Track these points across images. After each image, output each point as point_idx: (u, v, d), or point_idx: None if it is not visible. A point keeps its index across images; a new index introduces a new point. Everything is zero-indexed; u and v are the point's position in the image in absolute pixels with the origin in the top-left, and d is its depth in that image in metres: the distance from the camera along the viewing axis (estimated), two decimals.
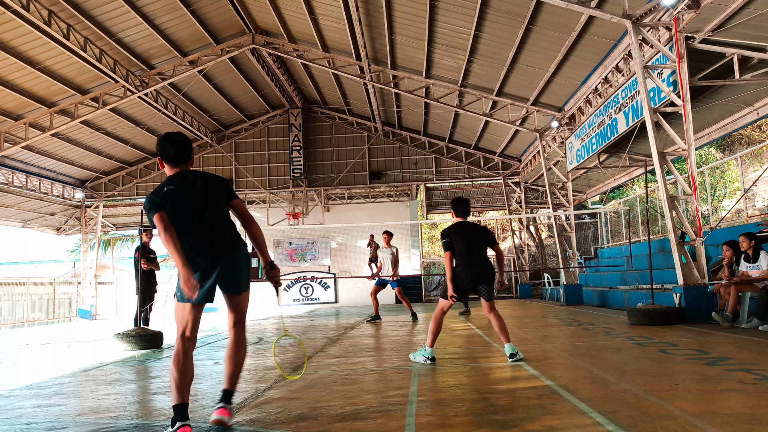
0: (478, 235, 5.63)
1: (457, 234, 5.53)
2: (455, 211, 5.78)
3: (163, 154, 3.34)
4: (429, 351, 5.27)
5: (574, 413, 3.10)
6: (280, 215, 22.97)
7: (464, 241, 5.48)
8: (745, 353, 5.03)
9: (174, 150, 3.32)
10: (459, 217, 5.73)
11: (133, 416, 3.61)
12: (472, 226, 5.73)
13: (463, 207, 5.75)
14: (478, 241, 5.57)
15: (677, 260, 8.32)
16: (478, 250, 5.53)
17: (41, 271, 34.09)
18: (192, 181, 3.28)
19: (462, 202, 5.76)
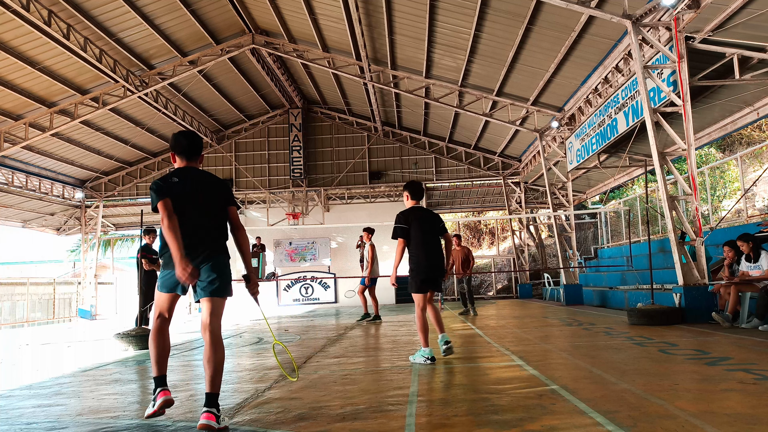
0: (434, 221, 5.43)
1: (414, 220, 5.30)
2: (411, 194, 5.51)
3: (176, 146, 3.50)
4: (427, 351, 5.16)
5: (574, 413, 3.10)
6: (280, 215, 22.96)
7: (420, 228, 5.28)
8: (745, 353, 5.03)
9: (187, 142, 3.50)
10: (414, 201, 5.49)
11: (133, 416, 3.60)
12: (427, 211, 5.52)
13: (419, 190, 5.54)
14: (433, 229, 5.38)
15: (677, 260, 8.32)
16: (434, 238, 5.36)
17: (41, 271, 34.10)
18: (196, 179, 3.41)
19: (418, 185, 5.57)
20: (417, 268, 5.21)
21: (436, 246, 5.31)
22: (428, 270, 5.23)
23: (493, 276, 25.54)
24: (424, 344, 5.20)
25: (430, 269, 5.24)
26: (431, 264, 5.25)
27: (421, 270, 5.22)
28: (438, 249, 5.31)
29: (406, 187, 5.57)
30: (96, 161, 20.20)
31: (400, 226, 5.28)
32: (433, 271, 5.25)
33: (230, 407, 3.68)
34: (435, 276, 5.28)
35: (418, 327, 5.25)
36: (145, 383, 4.95)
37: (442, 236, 5.43)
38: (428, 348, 5.17)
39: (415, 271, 5.23)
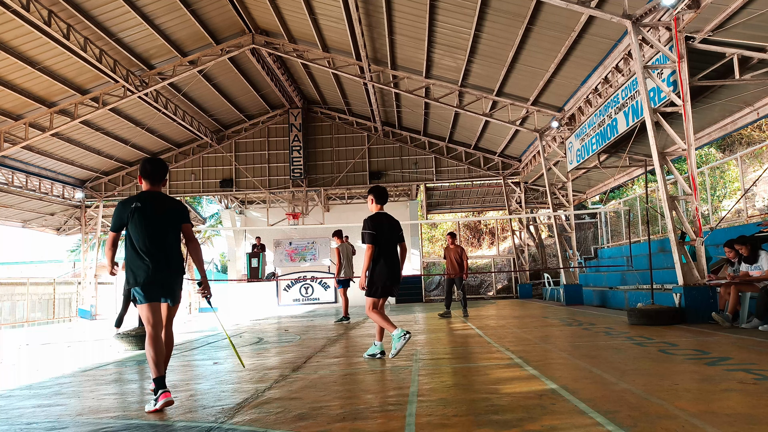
0: (395, 229, 5.47)
1: (380, 226, 5.32)
2: (376, 198, 5.50)
3: (142, 171, 4.14)
4: (399, 332, 5.21)
5: (574, 413, 3.10)
6: (280, 215, 22.97)
7: (385, 235, 5.32)
8: (745, 353, 5.03)
9: (151, 167, 4.12)
10: (378, 206, 5.49)
11: (133, 416, 3.61)
12: (391, 218, 5.52)
13: (384, 195, 5.54)
14: (393, 237, 5.44)
15: (677, 260, 8.32)
16: (394, 245, 5.44)
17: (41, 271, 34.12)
18: (157, 203, 4.04)
19: (382, 190, 5.56)
20: (379, 275, 5.30)
21: (396, 254, 5.42)
22: (390, 278, 5.33)
23: (493, 276, 25.54)
24: (391, 329, 5.28)
25: (390, 277, 5.34)
26: (392, 272, 5.36)
27: (383, 277, 5.31)
28: (397, 257, 5.43)
29: (371, 192, 5.58)
30: (96, 161, 20.20)
31: (369, 232, 5.31)
32: (392, 280, 5.36)
33: (230, 407, 3.68)
34: (393, 284, 5.40)
35: (379, 321, 5.34)
36: (144, 383, 4.95)
37: (399, 245, 5.52)
38: (398, 329, 5.23)
39: (376, 276, 5.31)
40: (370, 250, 5.28)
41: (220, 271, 37.89)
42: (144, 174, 4.11)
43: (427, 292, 23.64)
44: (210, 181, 22.10)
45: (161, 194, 4.14)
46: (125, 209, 3.95)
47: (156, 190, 4.12)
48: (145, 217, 3.93)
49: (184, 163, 22.08)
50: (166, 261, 3.95)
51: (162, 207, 4.04)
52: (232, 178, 22.07)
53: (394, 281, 5.39)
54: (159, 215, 3.99)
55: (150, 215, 3.95)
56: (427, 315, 12.90)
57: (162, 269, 3.91)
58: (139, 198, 4.00)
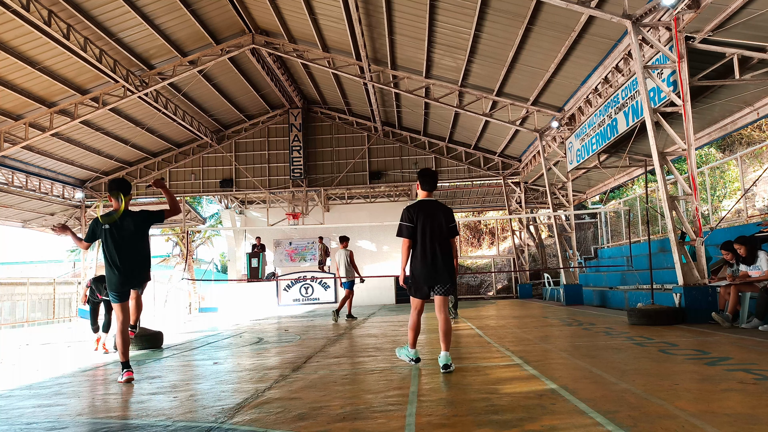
0: (443, 219, 4.79)
1: (421, 216, 4.73)
2: (422, 183, 4.90)
3: (108, 191, 5.09)
4: (412, 352, 4.95)
5: (574, 413, 3.10)
6: (280, 215, 22.97)
7: (426, 226, 4.71)
8: (745, 353, 5.03)
9: (112, 185, 5.01)
10: (425, 192, 4.90)
11: (133, 416, 3.61)
12: (437, 206, 4.85)
13: (432, 179, 4.91)
14: (440, 228, 4.76)
15: (677, 260, 8.32)
16: (439, 238, 4.74)
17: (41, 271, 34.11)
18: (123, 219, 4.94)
19: (431, 174, 4.93)
20: (414, 272, 4.75)
21: (440, 247, 4.71)
22: (427, 276, 4.71)
23: (493, 276, 25.54)
24: (410, 344, 4.96)
25: (428, 276, 4.71)
26: (429, 272, 4.71)
27: (419, 275, 4.73)
28: (442, 251, 4.71)
29: (419, 175, 4.94)
30: (96, 161, 20.21)
31: (405, 224, 4.74)
32: (431, 278, 4.70)
33: (230, 407, 3.68)
34: (434, 283, 4.73)
35: (409, 325, 4.93)
36: (144, 384, 4.95)
37: (451, 237, 4.82)
38: (415, 350, 4.97)
39: (412, 274, 4.77)
40: (405, 244, 4.72)
41: (220, 271, 37.89)
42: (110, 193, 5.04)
43: None
44: (210, 181, 22.11)
45: (126, 212, 4.97)
46: (98, 227, 4.94)
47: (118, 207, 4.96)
48: (113, 239, 4.89)
49: (184, 163, 22.09)
50: (134, 271, 4.98)
51: (128, 225, 4.95)
52: (232, 178, 22.08)
53: (434, 279, 4.69)
54: (125, 233, 4.92)
55: (117, 236, 4.90)
56: (427, 315, 12.89)
57: (130, 278, 4.96)
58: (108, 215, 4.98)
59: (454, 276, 4.84)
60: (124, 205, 4.94)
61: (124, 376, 4.82)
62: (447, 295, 4.77)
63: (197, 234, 32.97)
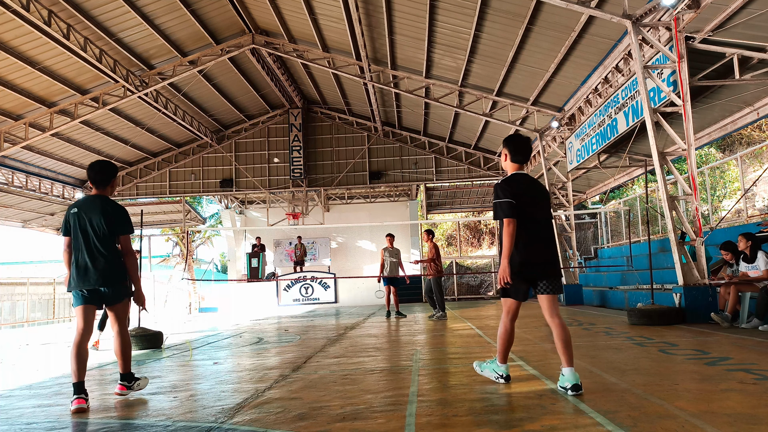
0: (543, 197, 3.86)
1: (520, 193, 3.72)
2: (512, 153, 3.89)
3: (87, 176, 4.39)
4: (502, 368, 3.95)
5: (574, 413, 3.10)
6: (280, 215, 22.97)
7: (527, 205, 3.72)
8: (745, 353, 5.03)
9: (92, 173, 4.35)
10: (516, 165, 3.89)
11: (133, 416, 3.61)
12: (535, 182, 3.93)
13: (526, 148, 3.90)
14: (542, 207, 3.82)
15: (677, 260, 8.32)
16: (543, 220, 3.80)
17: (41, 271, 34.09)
18: (90, 209, 4.14)
19: (525, 141, 3.92)
20: (514, 264, 3.69)
21: (544, 232, 3.78)
22: (532, 269, 3.71)
23: (493, 276, 25.53)
24: (500, 358, 3.94)
25: (534, 269, 3.71)
26: (540, 260, 3.72)
27: (521, 267, 3.70)
28: (547, 237, 3.80)
29: (506, 144, 3.93)
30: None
31: (506, 201, 3.68)
32: (538, 272, 3.72)
33: (230, 407, 3.68)
34: (542, 277, 3.73)
35: (499, 334, 3.89)
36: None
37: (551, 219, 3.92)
38: (505, 365, 3.95)
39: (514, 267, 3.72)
40: (511, 226, 3.64)
41: (220, 271, 37.90)
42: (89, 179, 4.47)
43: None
44: (210, 181, 22.11)
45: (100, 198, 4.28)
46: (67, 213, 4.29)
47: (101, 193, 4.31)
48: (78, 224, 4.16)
49: (184, 163, 22.08)
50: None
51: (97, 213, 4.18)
52: (232, 178, 22.08)
53: (538, 275, 3.72)
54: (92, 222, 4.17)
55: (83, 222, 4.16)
56: (427, 315, 12.90)
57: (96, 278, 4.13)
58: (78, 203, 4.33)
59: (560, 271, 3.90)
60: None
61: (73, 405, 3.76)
62: (557, 294, 3.76)
63: (197, 234, 32.97)
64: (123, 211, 4.29)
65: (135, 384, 4.20)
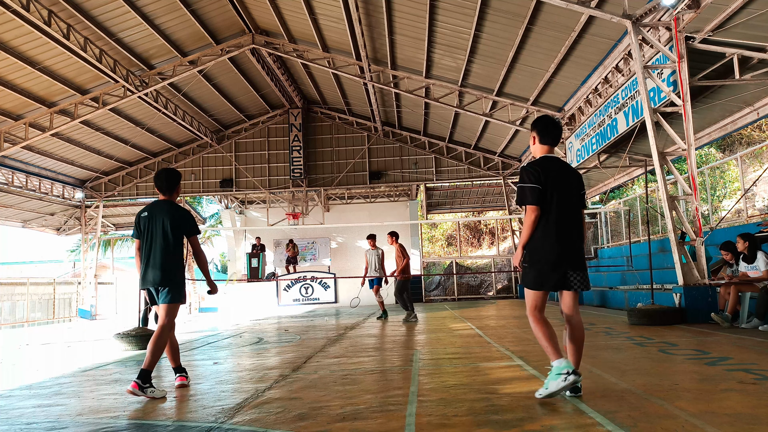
0: (575, 183, 3.59)
1: (549, 178, 3.47)
2: (541, 136, 3.64)
3: (154, 183, 4.69)
4: (563, 364, 3.33)
5: (574, 413, 3.10)
6: (280, 215, 22.97)
7: (557, 191, 3.48)
8: (745, 353, 5.03)
9: (158, 181, 4.63)
10: (546, 147, 3.64)
11: (133, 416, 3.61)
12: (566, 166, 3.64)
13: (557, 129, 3.66)
14: (572, 195, 3.55)
15: (677, 260, 8.32)
16: (573, 208, 3.54)
17: (41, 271, 34.10)
18: (158, 213, 4.49)
19: (554, 123, 3.67)
20: (539, 253, 3.48)
21: (573, 221, 3.52)
22: (559, 260, 3.45)
23: (493, 276, 25.54)
24: (553, 355, 3.40)
25: (560, 259, 3.45)
26: (566, 250, 3.46)
27: (547, 257, 3.46)
28: (576, 226, 3.53)
29: (536, 124, 3.67)
30: (96, 161, 20.20)
31: (531, 186, 3.46)
32: (565, 263, 3.46)
33: (230, 407, 3.68)
34: (567, 269, 3.47)
35: (539, 336, 3.50)
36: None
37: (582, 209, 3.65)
38: (562, 359, 3.37)
39: (535, 256, 3.50)
40: (533, 213, 3.44)
41: (220, 271, 37.90)
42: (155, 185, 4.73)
43: (427, 292, 23.64)
44: (210, 181, 22.11)
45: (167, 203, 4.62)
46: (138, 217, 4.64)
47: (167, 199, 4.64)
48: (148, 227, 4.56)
49: (184, 163, 22.07)
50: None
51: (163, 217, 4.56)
52: (232, 178, 22.07)
53: (564, 267, 3.46)
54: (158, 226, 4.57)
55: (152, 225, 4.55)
56: (427, 315, 12.90)
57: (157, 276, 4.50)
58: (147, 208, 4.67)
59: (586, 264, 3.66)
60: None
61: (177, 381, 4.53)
62: (583, 290, 3.56)
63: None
64: (189, 215, 4.65)
65: (148, 389, 4.09)
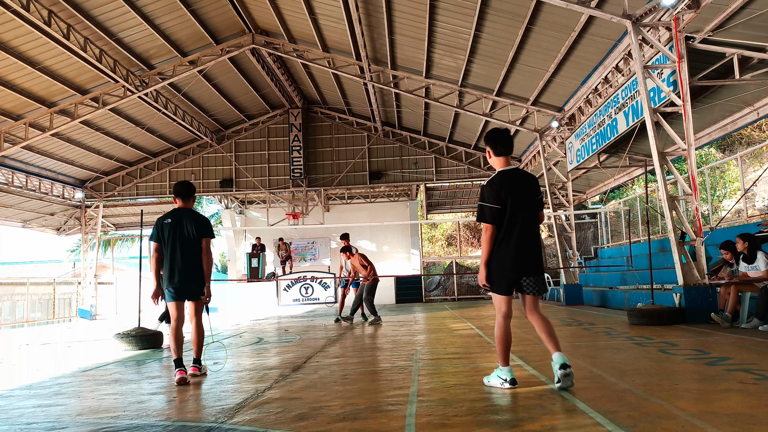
0: (531, 191, 3.82)
1: (508, 192, 3.72)
2: (494, 148, 3.88)
3: (174, 192, 5.20)
4: (505, 371, 3.84)
5: (574, 413, 3.10)
6: (280, 215, 22.97)
7: (514, 203, 3.72)
8: (745, 353, 5.03)
9: (179, 188, 5.18)
10: (501, 159, 3.87)
11: (133, 416, 3.60)
12: (522, 175, 3.86)
13: (507, 141, 3.87)
14: (530, 202, 3.80)
15: (677, 260, 8.32)
16: (530, 215, 3.79)
17: (41, 271, 34.10)
18: (182, 219, 5.03)
19: (504, 135, 3.88)
20: (501, 261, 3.77)
21: (530, 231, 3.79)
22: (513, 266, 3.77)
23: None
24: (502, 362, 3.87)
25: (515, 265, 3.77)
26: (520, 257, 3.75)
27: (502, 264, 3.78)
28: (533, 236, 3.80)
29: (486, 139, 3.92)
30: (96, 161, 20.20)
31: (488, 206, 3.72)
32: (519, 269, 3.78)
33: (230, 407, 3.68)
34: (522, 275, 3.82)
35: (497, 339, 3.91)
36: (144, 383, 4.95)
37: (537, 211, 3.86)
38: (507, 367, 3.85)
39: (493, 264, 3.80)
40: (489, 232, 3.72)
41: (220, 271, 37.90)
42: (175, 194, 5.22)
43: (427, 292, 23.64)
44: (210, 181, 22.10)
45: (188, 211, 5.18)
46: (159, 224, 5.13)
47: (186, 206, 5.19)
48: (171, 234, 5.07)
49: (184, 163, 22.08)
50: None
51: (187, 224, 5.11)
52: (232, 178, 22.07)
53: (518, 273, 3.78)
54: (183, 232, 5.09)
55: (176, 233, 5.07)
56: (427, 315, 12.90)
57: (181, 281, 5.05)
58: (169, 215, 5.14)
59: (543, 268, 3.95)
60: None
61: (176, 376, 4.73)
62: (539, 294, 3.88)
63: None
64: (208, 220, 5.22)
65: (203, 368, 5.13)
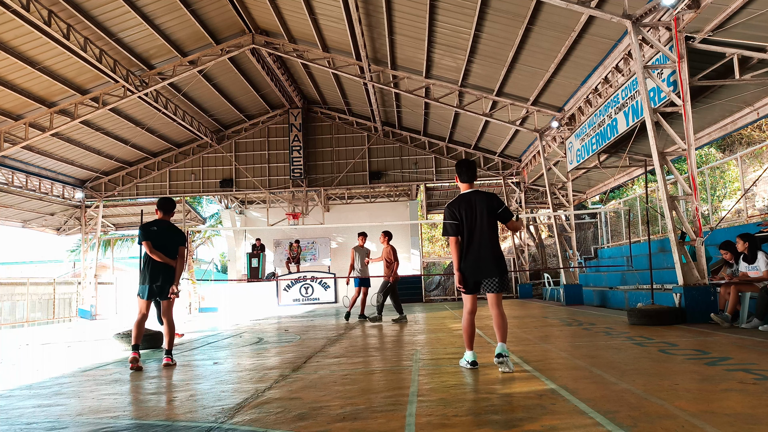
0: (486, 205, 4.66)
1: (464, 209, 4.64)
2: (460, 176, 4.83)
3: (158, 206, 6.16)
4: (469, 354, 4.79)
5: (574, 413, 3.10)
6: (280, 215, 22.97)
7: (468, 217, 4.62)
8: (745, 353, 5.03)
9: (162, 202, 6.20)
10: (466, 185, 4.81)
11: (133, 416, 3.61)
12: (479, 195, 4.74)
13: (470, 169, 4.80)
14: (482, 214, 4.65)
15: (677, 260, 8.32)
16: (484, 226, 4.63)
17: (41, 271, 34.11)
18: (164, 229, 6.07)
19: (468, 164, 4.83)
20: (466, 266, 4.64)
21: (485, 240, 4.61)
22: (472, 270, 4.63)
23: None
24: (467, 347, 4.83)
25: (473, 270, 4.62)
26: (476, 263, 4.61)
27: (465, 269, 4.63)
28: (488, 239, 4.61)
29: (456, 168, 4.88)
30: (96, 161, 20.20)
31: (449, 223, 4.67)
32: (477, 272, 4.62)
33: (230, 407, 3.68)
34: (480, 277, 4.64)
35: (463, 328, 4.79)
36: (144, 383, 4.95)
37: (505, 222, 4.72)
38: (471, 351, 4.79)
39: (464, 271, 4.67)
40: (454, 243, 4.63)
41: (220, 271, 37.90)
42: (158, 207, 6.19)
43: (427, 292, 23.64)
44: (210, 181, 22.10)
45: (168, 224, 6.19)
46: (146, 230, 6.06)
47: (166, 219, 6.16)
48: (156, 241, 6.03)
49: (184, 163, 22.08)
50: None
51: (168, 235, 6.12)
52: (232, 178, 22.07)
53: (477, 276, 4.62)
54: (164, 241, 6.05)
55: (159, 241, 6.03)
56: (427, 315, 12.90)
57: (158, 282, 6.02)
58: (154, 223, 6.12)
59: (504, 269, 4.68)
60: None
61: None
62: (499, 292, 4.64)
63: (197, 234, 32.96)
64: (183, 232, 6.26)
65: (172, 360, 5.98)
